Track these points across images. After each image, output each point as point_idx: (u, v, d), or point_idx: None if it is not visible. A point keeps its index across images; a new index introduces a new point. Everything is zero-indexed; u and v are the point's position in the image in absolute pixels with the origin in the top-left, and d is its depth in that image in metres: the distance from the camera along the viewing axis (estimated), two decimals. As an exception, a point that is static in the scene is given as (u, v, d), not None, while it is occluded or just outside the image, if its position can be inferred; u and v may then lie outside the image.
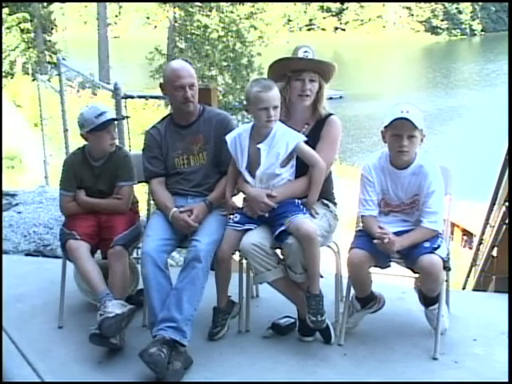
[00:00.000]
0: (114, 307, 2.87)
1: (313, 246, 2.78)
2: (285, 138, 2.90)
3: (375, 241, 2.76)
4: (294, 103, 3.05)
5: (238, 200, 3.11)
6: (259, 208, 2.89)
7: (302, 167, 2.97)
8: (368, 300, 3.03)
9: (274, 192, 2.91)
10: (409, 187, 2.91)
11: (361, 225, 3.03)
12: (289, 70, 2.99)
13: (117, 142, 3.40)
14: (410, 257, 2.81)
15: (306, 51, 2.99)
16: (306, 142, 2.94)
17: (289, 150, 2.89)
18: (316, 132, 3.04)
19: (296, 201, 2.91)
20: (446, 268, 2.82)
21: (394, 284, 3.56)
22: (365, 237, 2.89)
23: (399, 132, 2.80)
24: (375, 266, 2.90)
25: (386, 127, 2.85)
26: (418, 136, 2.83)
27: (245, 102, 3.00)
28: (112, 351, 2.91)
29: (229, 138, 3.01)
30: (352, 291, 3.01)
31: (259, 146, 2.91)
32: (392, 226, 2.89)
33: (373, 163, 2.96)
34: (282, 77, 3.01)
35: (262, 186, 2.94)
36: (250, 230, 2.90)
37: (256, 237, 2.86)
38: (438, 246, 2.79)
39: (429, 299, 2.97)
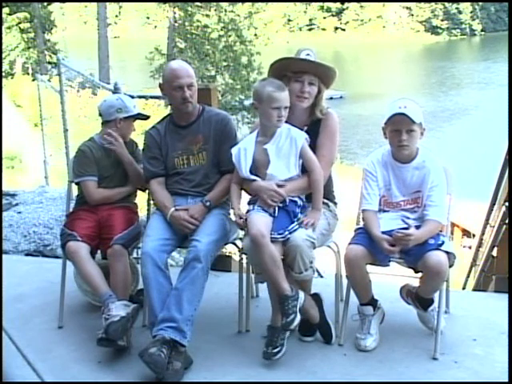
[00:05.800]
0: (118, 309, 2.87)
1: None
2: (290, 136, 2.88)
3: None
4: (292, 104, 3.04)
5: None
6: (270, 197, 2.81)
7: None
8: (374, 301, 3.01)
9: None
10: (411, 182, 2.92)
11: (361, 223, 3.03)
12: (289, 71, 2.99)
13: None
14: (413, 255, 2.79)
15: (308, 54, 2.99)
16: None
17: (299, 149, 2.86)
18: (313, 130, 3.03)
19: (298, 202, 2.86)
20: (451, 265, 2.80)
21: (393, 284, 3.55)
22: (363, 234, 2.89)
23: (398, 127, 2.84)
24: (374, 264, 2.89)
25: (385, 123, 2.89)
26: (417, 130, 2.85)
27: (253, 101, 2.95)
28: (113, 351, 2.91)
29: (234, 150, 2.96)
30: (355, 300, 2.99)
31: (266, 146, 2.89)
32: (394, 225, 2.88)
33: (376, 159, 2.99)
34: (282, 77, 3.00)
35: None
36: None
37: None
38: (443, 242, 2.79)
39: (425, 301, 2.96)
